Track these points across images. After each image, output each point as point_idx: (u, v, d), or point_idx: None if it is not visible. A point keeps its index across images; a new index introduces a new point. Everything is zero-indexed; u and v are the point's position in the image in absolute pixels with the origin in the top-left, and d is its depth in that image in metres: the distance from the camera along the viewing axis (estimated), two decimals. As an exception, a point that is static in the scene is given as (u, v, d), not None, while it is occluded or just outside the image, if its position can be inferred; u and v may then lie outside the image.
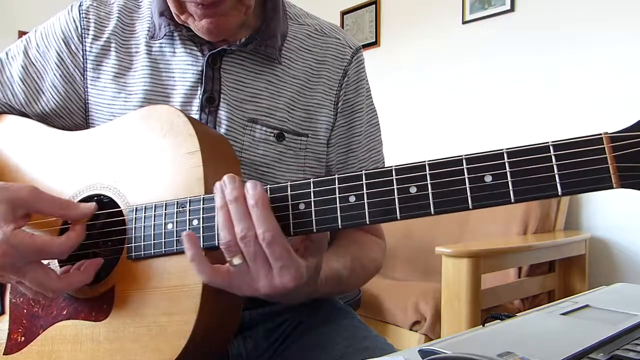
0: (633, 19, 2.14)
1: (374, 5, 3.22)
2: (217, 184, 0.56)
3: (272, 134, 0.76)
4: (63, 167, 0.71)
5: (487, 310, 1.75)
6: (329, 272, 0.68)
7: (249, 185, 0.55)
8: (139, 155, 0.66)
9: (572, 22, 2.33)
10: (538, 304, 2.11)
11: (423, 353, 0.44)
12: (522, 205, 2.22)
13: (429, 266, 2.34)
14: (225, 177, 0.56)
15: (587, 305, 0.61)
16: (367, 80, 0.88)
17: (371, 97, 0.90)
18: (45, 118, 0.79)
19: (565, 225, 2.27)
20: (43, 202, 0.61)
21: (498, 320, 0.58)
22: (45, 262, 0.66)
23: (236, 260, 0.54)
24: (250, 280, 0.55)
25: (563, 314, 0.58)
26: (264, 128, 0.76)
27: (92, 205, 0.63)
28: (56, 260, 0.67)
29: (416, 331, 1.90)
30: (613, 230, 2.23)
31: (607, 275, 2.21)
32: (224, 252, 0.55)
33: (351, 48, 0.85)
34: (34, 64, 0.78)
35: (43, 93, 0.78)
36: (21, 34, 3.38)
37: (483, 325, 0.57)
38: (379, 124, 0.90)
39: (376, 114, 0.90)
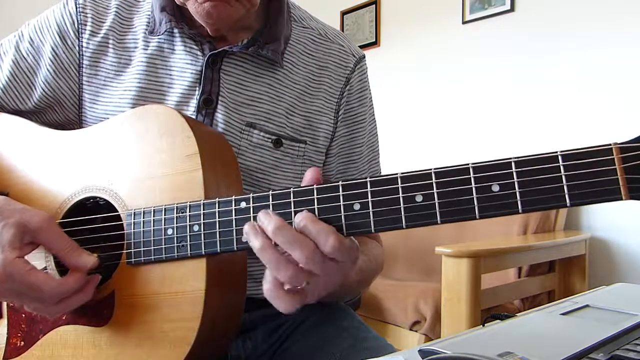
0: (633, 19, 2.13)
1: (374, 5, 3.22)
2: (247, 228, 0.52)
3: (270, 140, 0.74)
4: (58, 168, 0.70)
5: (487, 310, 1.74)
6: None
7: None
8: (134, 156, 0.64)
9: (572, 22, 2.32)
10: (538, 304, 2.11)
11: (423, 353, 0.44)
12: (522, 205, 2.22)
13: (429, 266, 2.34)
14: (260, 214, 0.52)
15: (587, 305, 0.61)
16: (370, 90, 0.87)
17: (373, 107, 0.89)
18: (38, 113, 0.77)
19: (565, 225, 2.27)
20: (51, 237, 0.60)
21: (498, 320, 0.58)
22: (43, 264, 0.65)
23: (305, 282, 0.51)
24: (325, 283, 0.52)
25: (563, 314, 0.58)
26: (262, 133, 0.74)
27: (94, 259, 0.60)
28: (53, 264, 0.65)
29: (416, 331, 1.89)
30: (613, 230, 2.23)
31: (607, 275, 2.20)
32: (289, 284, 0.50)
33: (354, 56, 0.83)
34: (25, 59, 0.76)
35: (35, 88, 0.76)
36: (21, 34, 3.38)
37: (483, 325, 0.57)
38: (377, 134, 0.89)
39: (376, 124, 0.89)
